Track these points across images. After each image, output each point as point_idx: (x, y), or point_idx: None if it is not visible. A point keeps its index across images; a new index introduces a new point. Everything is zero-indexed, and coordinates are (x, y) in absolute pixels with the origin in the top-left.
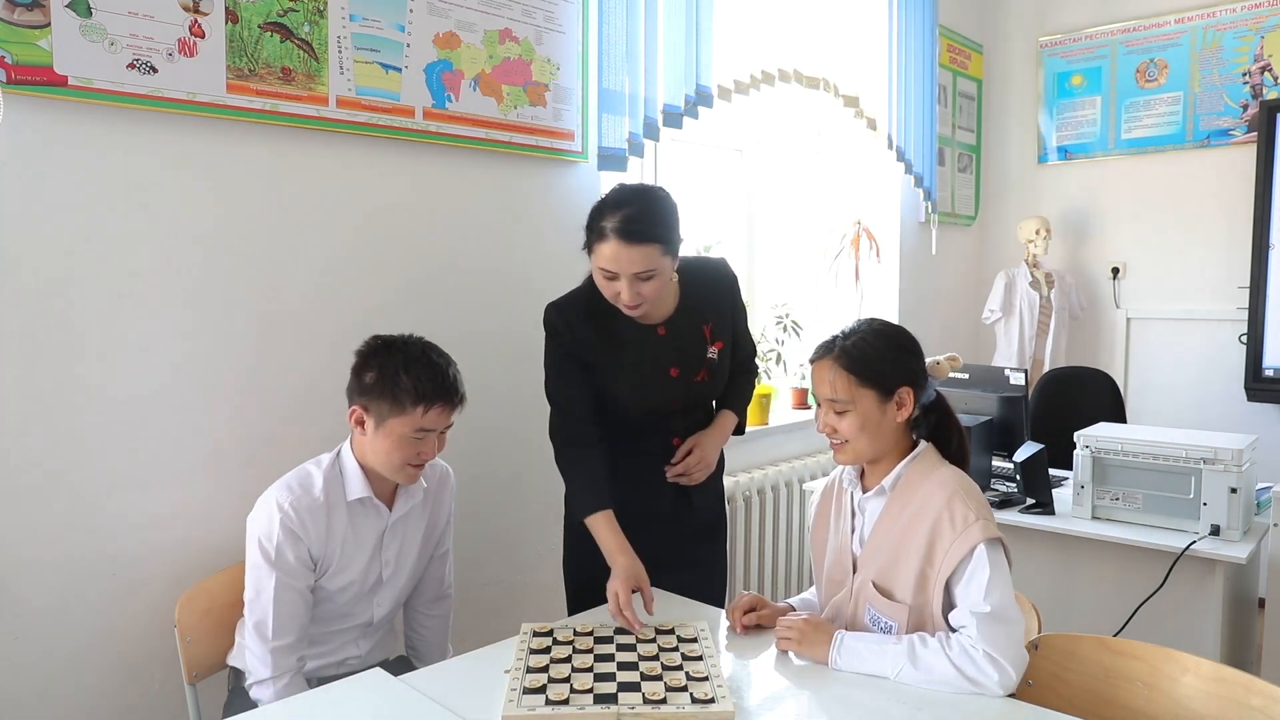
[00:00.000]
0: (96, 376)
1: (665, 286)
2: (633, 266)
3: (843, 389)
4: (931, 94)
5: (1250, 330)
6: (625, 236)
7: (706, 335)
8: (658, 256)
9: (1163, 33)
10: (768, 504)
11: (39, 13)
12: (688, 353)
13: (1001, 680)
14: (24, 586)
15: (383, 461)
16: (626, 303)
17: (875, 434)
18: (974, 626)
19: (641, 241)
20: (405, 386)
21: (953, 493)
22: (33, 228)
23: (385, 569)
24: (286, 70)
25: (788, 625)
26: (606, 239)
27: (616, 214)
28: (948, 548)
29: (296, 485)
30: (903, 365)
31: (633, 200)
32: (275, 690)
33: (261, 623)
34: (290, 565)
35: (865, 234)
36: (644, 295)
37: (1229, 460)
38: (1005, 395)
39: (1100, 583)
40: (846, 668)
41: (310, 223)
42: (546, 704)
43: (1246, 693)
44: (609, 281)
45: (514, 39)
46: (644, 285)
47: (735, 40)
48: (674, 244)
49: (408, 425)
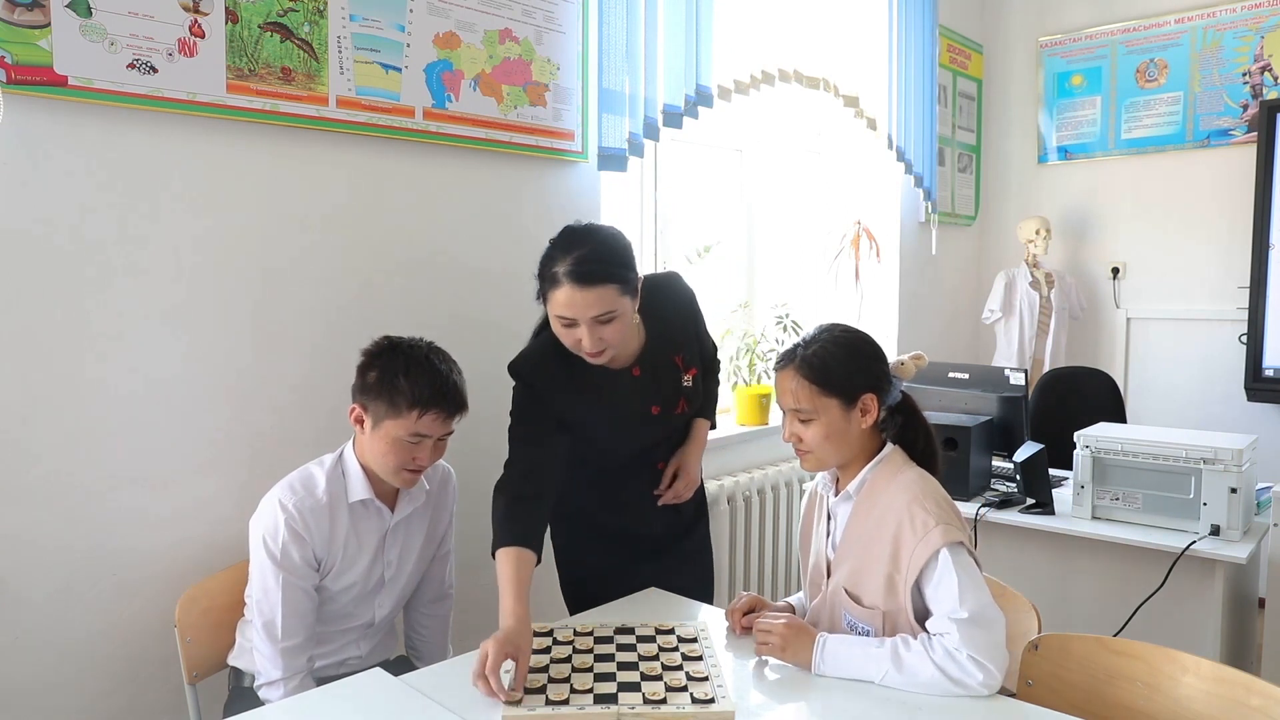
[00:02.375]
0: (96, 376)
1: (627, 328)
2: (590, 310)
3: (805, 399)
4: (931, 94)
5: (1250, 330)
6: (580, 280)
7: (679, 364)
8: (615, 296)
9: (1163, 33)
10: (767, 504)
11: (39, 13)
12: (665, 388)
13: (986, 681)
14: (24, 586)
15: (379, 463)
16: (588, 350)
17: (840, 442)
18: (955, 633)
19: (597, 283)
20: (402, 389)
21: (913, 497)
22: (32, 227)
23: (387, 570)
24: (286, 70)
25: (766, 630)
26: (560, 284)
27: (568, 257)
28: (910, 553)
29: (300, 486)
30: (865, 372)
31: (583, 241)
32: (286, 690)
33: (270, 623)
34: (296, 565)
35: (865, 234)
36: (606, 340)
37: (1229, 460)
38: (1005, 395)
39: (1100, 583)
40: (830, 673)
41: (310, 223)
42: (546, 704)
43: (1246, 693)
44: (567, 329)
45: (514, 39)
46: (605, 329)
47: (735, 40)
48: (631, 283)
49: (402, 429)
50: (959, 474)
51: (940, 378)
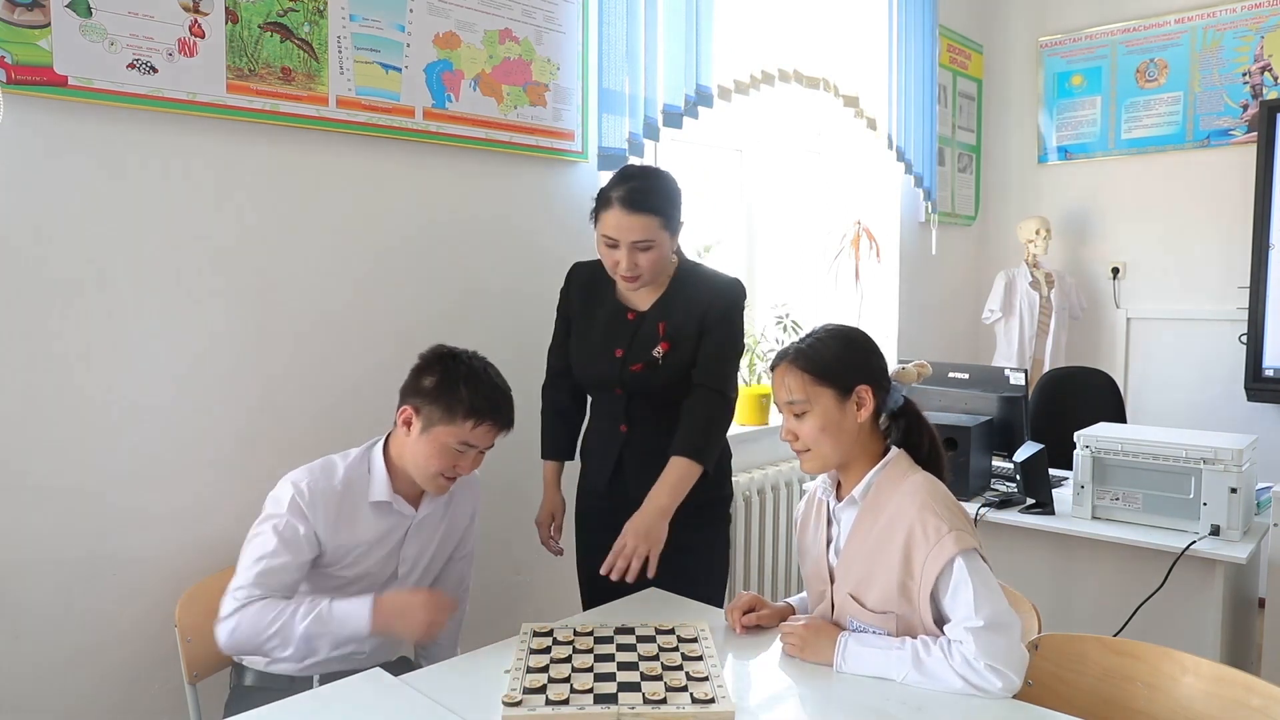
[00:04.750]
0: (96, 376)
1: (661, 263)
2: (632, 234)
3: (799, 389)
4: (931, 94)
5: (1250, 330)
6: (628, 205)
7: (660, 332)
8: (657, 229)
9: (1163, 33)
10: (768, 504)
11: (39, 13)
12: (637, 341)
13: (1005, 687)
14: (24, 586)
15: (420, 466)
16: (624, 273)
17: (837, 436)
18: (971, 642)
19: (643, 211)
20: (462, 397)
21: (923, 503)
22: (32, 227)
23: (402, 566)
24: (286, 70)
25: (789, 631)
26: (611, 206)
27: (623, 186)
28: (924, 560)
29: (318, 470)
30: (859, 363)
31: (639, 175)
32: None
33: (239, 569)
34: (293, 537)
35: (865, 234)
36: (640, 266)
37: (1229, 460)
38: (1005, 395)
39: (1100, 583)
40: (851, 671)
41: (309, 223)
42: (546, 704)
43: (1246, 693)
44: (609, 250)
45: (514, 39)
46: (641, 256)
47: (735, 40)
48: (674, 221)
49: (453, 436)
50: (959, 474)
51: (940, 378)
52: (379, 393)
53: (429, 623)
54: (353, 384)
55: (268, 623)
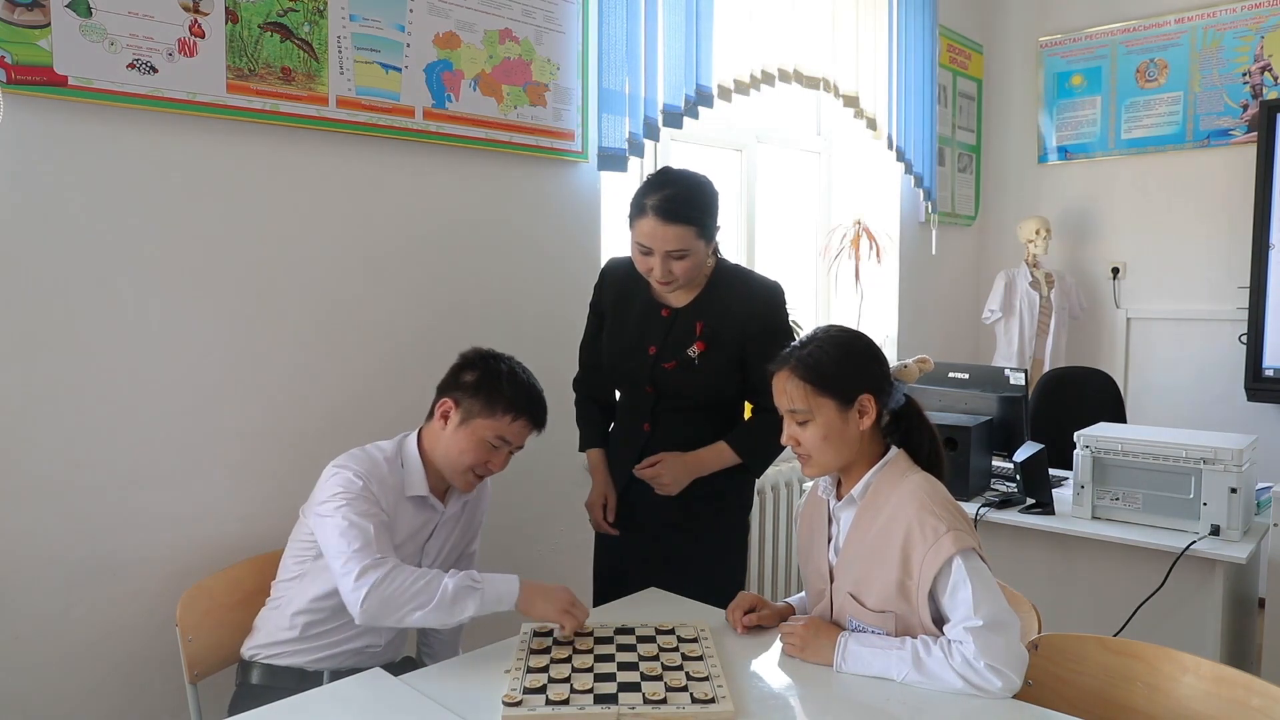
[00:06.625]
0: (96, 375)
1: (696, 269)
2: (667, 244)
3: (800, 399)
4: (931, 94)
5: (1250, 330)
6: (663, 215)
7: (697, 331)
8: (692, 238)
9: (1163, 33)
10: (768, 504)
11: (39, 13)
12: (672, 339)
13: (1005, 687)
14: (24, 586)
15: (453, 460)
16: (658, 279)
17: (839, 444)
18: (971, 642)
19: (678, 221)
20: (504, 392)
21: (921, 503)
22: (32, 227)
23: (425, 559)
24: (286, 70)
25: (789, 632)
26: (646, 215)
27: (658, 193)
28: (922, 560)
29: (364, 457)
30: (862, 372)
31: (676, 183)
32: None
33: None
34: (371, 507)
35: (865, 234)
36: (675, 274)
37: (1229, 460)
38: (1005, 395)
39: (1100, 583)
40: (851, 671)
41: (310, 223)
42: (546, 704)
43: (1246, 693)
44: (643, 257)
45: (514, 39)
46: (676, 264)
47: (735, 40)
48: (710, 229)
49: (491, 430)
50: (959, 474)
51: (940, 378)
52: (379, 391)
53: (572, 604)
54: (353, 383)
55: (411, 579)
